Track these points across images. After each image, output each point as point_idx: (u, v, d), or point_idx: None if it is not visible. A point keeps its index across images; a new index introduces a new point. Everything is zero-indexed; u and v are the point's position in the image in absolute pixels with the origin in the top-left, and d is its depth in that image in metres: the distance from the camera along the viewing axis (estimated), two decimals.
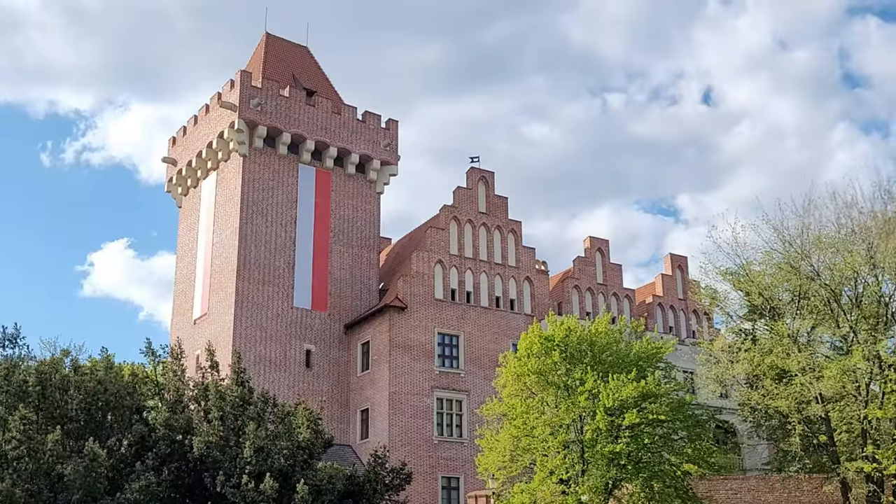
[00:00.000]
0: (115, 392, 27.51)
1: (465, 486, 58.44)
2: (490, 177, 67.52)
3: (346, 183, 67.00)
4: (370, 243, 67.00)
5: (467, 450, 57.48)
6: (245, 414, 27.77)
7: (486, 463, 40.22)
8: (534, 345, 39.43)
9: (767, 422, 44.52)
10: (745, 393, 41.74)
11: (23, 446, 24.87)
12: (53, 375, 26.98)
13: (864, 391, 36.23)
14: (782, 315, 40.18)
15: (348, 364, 63.22)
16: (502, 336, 63.33)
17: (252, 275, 61.00)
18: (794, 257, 39.19)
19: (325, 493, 26.36)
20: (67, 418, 26.55)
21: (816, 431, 38.17)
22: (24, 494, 23.78)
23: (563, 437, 37.50)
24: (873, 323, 37.58)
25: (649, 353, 40.01)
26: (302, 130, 64.72)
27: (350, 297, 64.57)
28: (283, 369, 60.48)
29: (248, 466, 25.62)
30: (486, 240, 65.95)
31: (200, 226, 67.32)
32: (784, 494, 40.49)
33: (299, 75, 69.71)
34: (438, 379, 60.56)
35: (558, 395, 38.19)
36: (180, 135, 71.56)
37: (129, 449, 25.84)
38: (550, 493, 37.23)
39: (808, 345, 38.75)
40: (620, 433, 36.57)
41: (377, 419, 59.18)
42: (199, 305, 65.16)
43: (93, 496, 24.09)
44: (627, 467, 36.29)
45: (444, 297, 62.62)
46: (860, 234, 38.10)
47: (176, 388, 29.11)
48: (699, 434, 39.05)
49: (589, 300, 69.04)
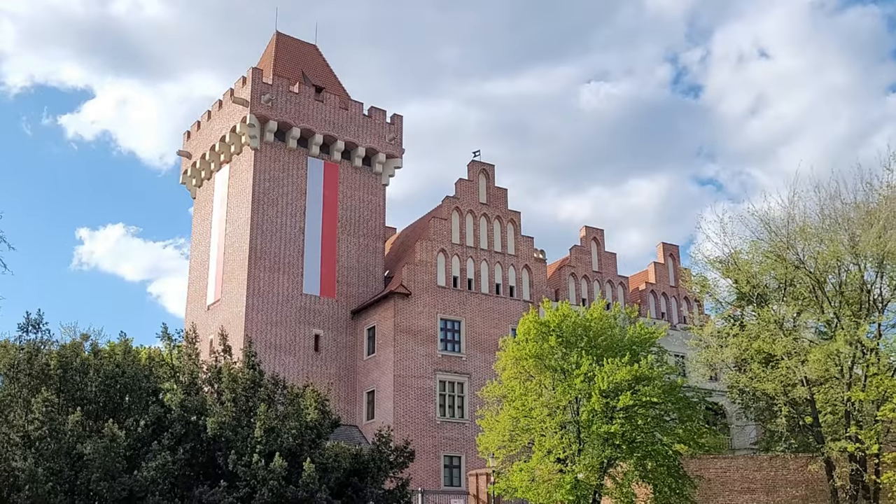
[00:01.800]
0: (132, 375, 27.51)
1: (466, 465, 58.53)
2: (490, 169, 67.46)
3: (353, 175, 66.99)
4: (376, 233, 67.02)
5: (468, 430, 57.54)
6: (256, 396, 27.79)
7: (486, 442, 40.22)
8: (532, 330, 39.39)
9: (755, 403, 44.56)
10: (733, 376, 41.76)
11: (45, 427, 24.88)
12: (74, 359, 26.98)
13: (847, 374, 36.21)
14: (769, 302, 40.16)
15: (355, 348, 63.26)
16: (502, 321, 63.37)
17: (263, 263, 61.02)
18: (779, 246, 39.14)
19: (332, 471, 26.38)
20: (87, 400, 26.56)
21: (802, 413, 38.17)
22: (47, 473, 23.81)
23: (560, 418, 37.48)
24: (855, 309, 37.54)
25: (642, 338, 39.97)
26: (311, 125, 64.72)
27: (357, 284, 64.61)
28: (293, 353, 60.54)
29: (259, 446, 25.63)
30: (487, 229, 65.92)
31: (214, 216, 67.32)
32: (771, 473, 40.49)
33: (308, 72, 69.62)
34: (441, 362, 60.60)
35: (555, 378, 38.17)
36: (194, 129, 71.57)
37: (145, 429, 25.84)
38: (548, 472, 37.23)
39: (794, 330, 38.71)
40: (615, 414, 36.56)
41: (382, 400, 59.22)
42: (212, 292, 65.21)
43: (111, 474, 24.11)
44: (621, 447, 36.28)
45: (446, 284, 62.64)
46: (843, 225, 38.04)
47: (190, 371, 29.14)
48: (690, 415, 39.01)
49: (585, 287, 69.05)
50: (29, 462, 23.77)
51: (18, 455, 24.41)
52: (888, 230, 36.43)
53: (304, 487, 24.85)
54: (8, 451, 24.55)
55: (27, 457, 24.16)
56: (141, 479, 24.08)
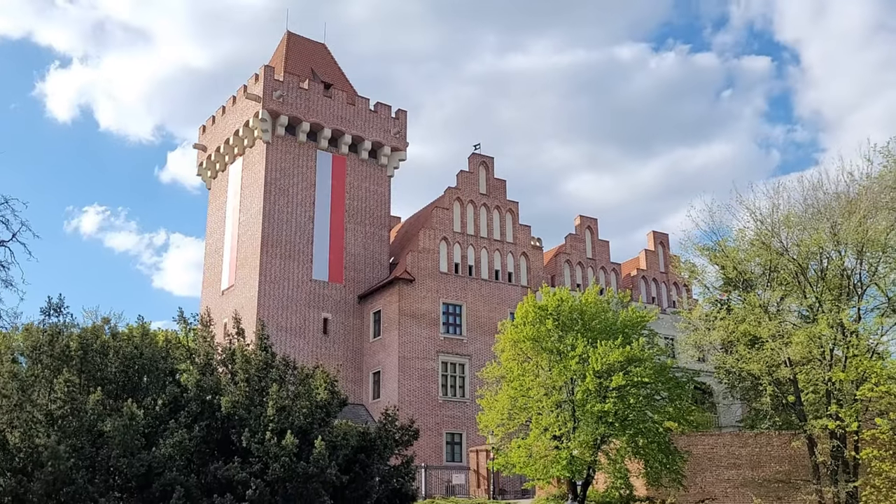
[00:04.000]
0: (150, 356, 27.37)
1: (467, 442, 58.51)
2: (490, 161, 67.33)
3: (360, 167, 66.86)
4: (381, 221, 66.91)
5: (469, 408, 57.49)
6: (268, 376, 27.65)
7: (486, 420, 40.11)
8: (529, 314, 39.24)
9: (741, 383, 44.43)
10: (720, 357, 41.63)
11: (67, 406, 24.76)
12: (94, 341, 26.85)
13: (828, 356, 36.06)
14: (754, 287, 40.02)
15: (362, 331, 63.17)
16: (501, 306, 63.30)
17: (275, 250, 60.92)
18: (764, 235, 38.99)
19: (341, 448, 26.24)
20: (107, 380, 26.42)
21: (785, 392, 38.03)
22: (68, 449, 23.68)
23: (556, 398, 37.36)
24: (837, 294, 37.38)
25: (634, 322, 39.82)
26: (320, 119, 64.61)
27: (363, 271, 64.54)
28: (303, 336, 60.50)
29: (271, 424, 25.49)
30: (487, 218, 65.82)
31: (228, 206, 67.23)
32: (756, 449, 40.39)
33: (317, 70, 69.44)
34: (443, 344, 60.51)
35: (551, 360, 38.03)
36: (209, 123, 71.43)
37: (163, 408, 25.69)
38: (545, 448, 37.13)
39: (778, 314, 38.56)
40: (608, 394, 36.42)
41: (388, 381, 59.17)
42: (226, 278, 65.15)
43: (130, 451, 23.99)
44: (614, 424, 36.16)
45: (448, 270, 62.57)
46: (825, 214, 37.87)
47: (206, 352, 29.00)
48: (679, 395, 38.89)
49: (579, 273, 68.97)
50: (52, 439, 23.64)
51: (42, 432, 24.29)
52: (868, 219, 36.27)
53: (314, 463, 24.71)
54: (32, 429, 24.42)
55: (50, 434, 24.04)
56: (158, 455, 23.95)
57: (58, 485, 23.15)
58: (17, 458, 23.86)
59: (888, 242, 36.34)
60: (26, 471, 23.71)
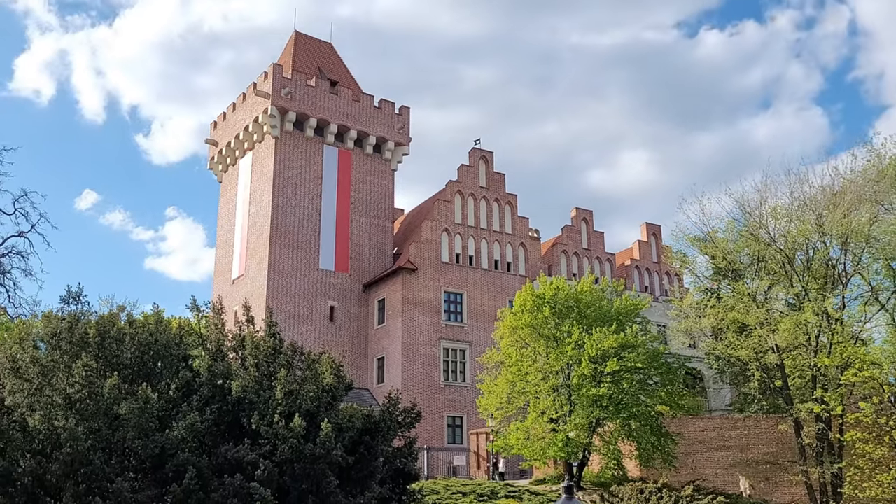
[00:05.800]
0: (164, 343, 27.31)
1: (467, 425, 58.55)
2: (489, 156, 67.23)
3: (365, 161, 66.79)
4: (385, 213, 66.86)
5: (469, 393, 57.53)
6: (276, 362, 27.61)
7: (485, 404, 40.18)
8: (527, 302, 39.28)
9: (730, 369, 44.45)
10: (710, 344, 41.62)
11: (84, 390, 24.74)
12: (111, 328, 26.80)
13: (814, 342, 36.05)
14: (743, 276, 39.99)
15: (366, 318, 63.19)
16: (500, 294, 63.29)
17: (283, 241, 60.92)
18: (753, 226, 38.97)
19: (346, 431, 26.21)
20: (123, 366, 26.37)
21: (773, 377, 38.02)
22: (86, 431, 23.67)
23: (552, 382, 37.41)
24: (822, 283, 37.35)
25: (628, 309, 39.86)
26: (326, 116, 64.53)
27: (368, 260, 64.51)
28: (310, 323, 60.51)
29: (280, 407, 25.45)
30: (486, 211, 65.78)
31: (238, 198, 67.20)
32: (744, 432, 40.44)
33: (324, 68, 69.34)
34: (444, 331, 60.53)
35: (548, 346, 38.07)
36: (221, 119, 71.40)
37: (176, 392, 25.66)
38: (542, 431, 37.20)
39: (766, 302, 38.53)
40: (603, 379, 36.47)
41: (391, 366, 59.21)
42: (237, 267, 65.17)
43: (145, 433, 23.96)
44: (609, 408, 36.22)
45: (449, 260, 62.56)
46: (811, 206, 37.85)
47: (217, 339, 28.95)
48: (671, 379, 38.96)
49: (575, 263, 68.94)
50: (70, 422, 23.62)
51: (61, 415, 24.27)
52: (852, 211, 36.25)
53: (321, 445, 24.69)
54: (51, 412, 24.40)
55: (68, 417, 24.02)
56: (172, 437, 23.92)
57: (76, 465, 23.14)
58: (37, 440, 23.86)
59: (871, 233, 36.31)
60: (46, 452, 23.71)
